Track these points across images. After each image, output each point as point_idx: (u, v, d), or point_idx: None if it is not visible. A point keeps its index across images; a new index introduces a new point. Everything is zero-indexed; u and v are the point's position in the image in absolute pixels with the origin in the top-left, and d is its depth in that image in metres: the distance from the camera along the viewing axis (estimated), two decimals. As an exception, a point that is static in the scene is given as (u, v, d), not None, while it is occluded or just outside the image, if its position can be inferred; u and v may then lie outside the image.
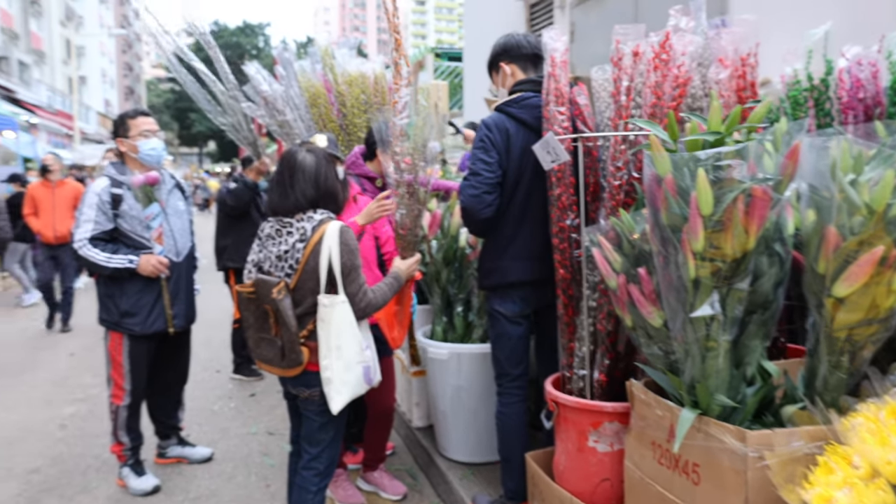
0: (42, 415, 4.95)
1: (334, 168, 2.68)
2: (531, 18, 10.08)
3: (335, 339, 2.50)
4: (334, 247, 2.49)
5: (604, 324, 2.55)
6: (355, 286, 2.54)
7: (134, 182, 3.56)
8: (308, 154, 2.63)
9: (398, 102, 3.43)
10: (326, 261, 2.49)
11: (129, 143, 3.62)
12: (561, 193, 2.64)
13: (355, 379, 2.55)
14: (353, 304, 2.53)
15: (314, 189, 2.58)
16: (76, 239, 3.46)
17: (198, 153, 65.75)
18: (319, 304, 2.50)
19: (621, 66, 2.44)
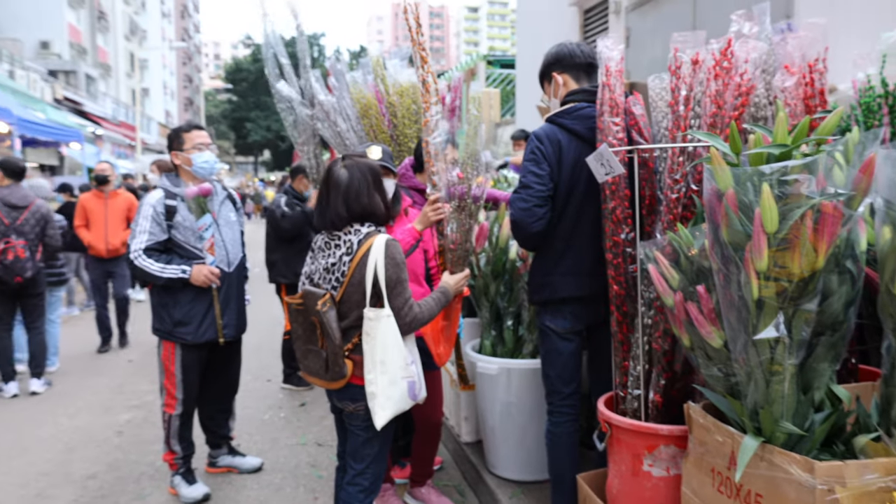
0: (101, 421, 5.07)
1: (376, 182, 2.62)
2: (585, 24, 9.95)
3: (380, 353, 2.47)
4: (380, 260, 2.47)
5: (660, 342, 2.44)
6: (401, 300, 2.50)
7: (187, 194, 3.61)
8: (343, 170, 2.60)
9: (430, 121, 3.38)
10: (372, 274, 2.46)
11: (183, 155, 3.68)
12: (615, 206, 2.55)
13: (400, 394, 2.51)
14: (399, 319, 2.49)
15: (344, 206, 2.56)
16: (132, 249, 3.53)
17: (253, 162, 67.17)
18: (364, 317, 2.48)
19: (679, 74, 2.34)
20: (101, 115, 27.02)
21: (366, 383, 2.49)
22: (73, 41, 31.46)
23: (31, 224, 5.60)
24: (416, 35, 3.40)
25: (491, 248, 3.68)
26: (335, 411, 2.81)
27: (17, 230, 5.50)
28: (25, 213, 5.60)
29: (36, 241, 5.64)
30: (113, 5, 37.80)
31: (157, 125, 41.30)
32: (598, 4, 9.46)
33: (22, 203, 5.61)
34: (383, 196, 2.63)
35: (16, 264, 5.46)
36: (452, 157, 3.59)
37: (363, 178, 2.57)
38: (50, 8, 29.70)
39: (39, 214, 5.69)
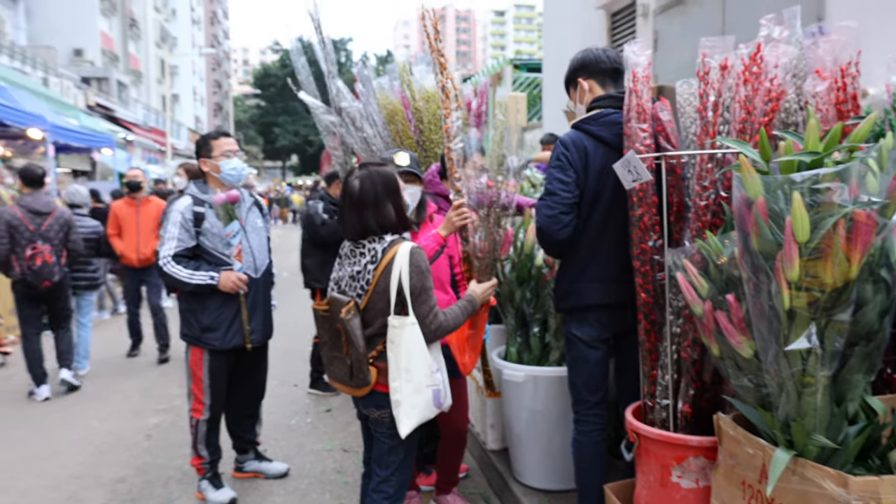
0: (130, 425, 5.14)
1: (388, 191, 2.59)
2: (612, 27, 9.89)
3: (404, 361, 2.46)
4: (404, 268, 2.46)
5: (689, 351, 2.41)
6: (426, 308, 2.50)
7: (216, 200, 3.64)
8: (356, 180, 2.59)
9: (450, 128, 3.37)
10: (396, 282, 2.46)
11: (211, 162, 3.71)
12: (643, 214, 2.52)
13: (424, 402, 2.51)
14: (423, 326, 2.49)
15: (357, 217, 2.55)
16: (161, 256, 3.58)
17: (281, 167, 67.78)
18: (389, 325, 2.48)
19: (708, 80, 2.31)
20: (133, 121, 27.48)
21: (390, 391, 2.49)
22: (105, 48, 32.07)
23: (55, 230, 5.72)
24: (434, 41, 3.39)
25: (516, 255, 3.66)
26: (361, 418, 2.81)
27: (42, 236, 5.63)
28: (49, 218, 5.72)
29: (60, 247, 5.77)
30: (144, 13, 38.45)
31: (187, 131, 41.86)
32: (625, 7, 9.39)
33: (45, 209, 5.74)
34: (397, 205, 2.60)
35: (44, 269, 5.59)
36: (481, 165, 3.58)
37: (373, 189, 2.56)
38: (84, 16, 30.32)
39: (63, 220, 5.82)
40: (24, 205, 5.69)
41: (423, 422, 2.54)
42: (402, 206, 2.65)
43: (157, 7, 41.60)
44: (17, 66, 19.45)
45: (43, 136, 9.86)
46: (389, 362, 2.49)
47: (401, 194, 2.65)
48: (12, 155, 11.32)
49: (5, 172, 9.78)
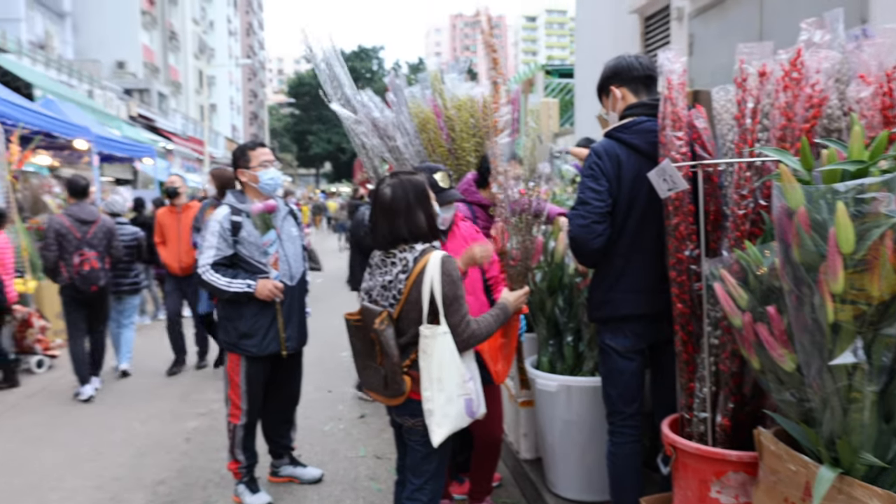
0: (170, 428, 5.22)
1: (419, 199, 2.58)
2: (646, 31, 9.78)
3: (436, 370, 2.45)
4: (436, 277, 2.46)
5: (727, 364, 2.35)
6: (457, 317, 2.49)
7: (253, 210, 3.68)
8: (387, 188, 2.59)
9: (498, 122, 3.38)
10: (428, 291, 2.46)
11: (249, 173, 3.75)
12: (679, 223, 2.48)
13: (457, 412, 2.49)
14: (456, 335, 2.48)
15: (388, 226, 2.56)
16: (200, 264, 3.63)
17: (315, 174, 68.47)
18: (421, 334, 2.47)
19: (746, 86, 2.26)
20: (172, 131, 28.04)
21: (423, 400, 2.48)
22: (146, 61, 32.81)
23: (99, 237, 6.06)
24: (489, 37, 3.43)
25: (546, 264, 3.62)
26: (394, 425, 2.81)
27: (88, 243, 5.97)
28: (94, 227, 6.07)
29: (104, 253, 6.10)
30: (183, 25, 39.24)
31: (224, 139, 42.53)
32: (659, 11, 9.28)
33: (90, 218, 6.09)
34: (428, 213, 2.60)
35: (91, 274, 5.92)
36: (517, 173, 3.56)
37: (404, 196, 2.55)
38: (126, 30, 31.08)
39: (106, 228, 6.17)
40: (71, 214, 6.01)
41: (456, 431, 2.53)
42: (432, 214, 2.64)
43: (196, 19, 42.41)
44: (64, 80, 20.01)
45: (88, 146, 10.11)
46: (421, 371, 2.48)
47: (431, 202, 2.65)
48: (59, 165, 11.63)
49: (53, 182, 10.05)
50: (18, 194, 8.34)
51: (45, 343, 7.14)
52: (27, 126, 8.32)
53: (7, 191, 7.70)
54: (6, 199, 7.65)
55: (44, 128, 8.76)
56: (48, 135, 9.06)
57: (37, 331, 7.04)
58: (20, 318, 6.91)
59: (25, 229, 7.97)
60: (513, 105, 5.12)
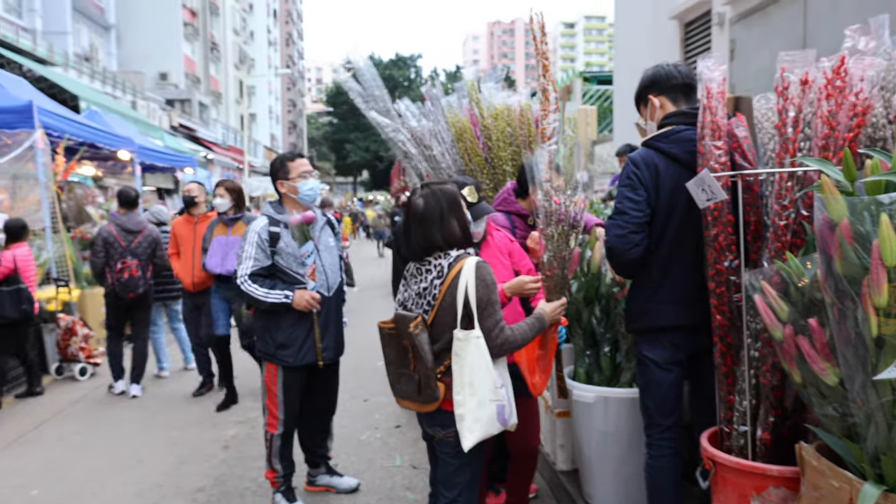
0: (208, 436, 5.30)
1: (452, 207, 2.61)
2: (686, 37, 9.68)
3: (468, 374, 2.46)
4: (470, 281, 2.47)
5: (768, 377, 2.31)
6: (491, 321, 2.49)
7: (292, 221, 3.73)
8: (420, 199, 2.63)
9: (546, 129, 3.37)
10: (462, 295, 2.47)
11: (289, 184, 3.80)
12: (718, 233, 2.45)
13: (488, 417, 2.48)
14: (489, 341, 2.48)
15: (423, 235, 2.58)
16: (239, 275, 3.67)
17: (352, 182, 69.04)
18: (454, 338, 2.48)
19: (787, 95, 2.23)
20: (212, 140, 28.55)
21: (454, 405, 2.48)
22: (188, 71, 33.52)
23: (143, 246, 6.39)
24: (541, 44, 3.43)
25: (582, 274, 3.60)
26: (426, 438, 2.81)
27: (132, 252, 6.30)
28: (139, 237, 6.40)
29: (147, 262, 6.41)
30: (224, 36, 40.00)
31: (263, 148, 43.22)
32: (699, 17, 9.18)
33: (136, 228, 6.42)
34: (461, 221, 2.63)
35: (130, 282, 6.25)
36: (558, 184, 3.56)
37: (437, 206, 2.58)
38: (169, 42, 31.83)
39: (151, 238, 6.47)
40: (119, 223, 6.38)
41: (486, 437, 2.52)
42: (465, 222, 2.66)
43: (237, 30, 43.21)
44: (108, 91, 20.54)
45: (131, 157, 10.36)
46: (454, 375, 2.49)
47: (464, 210, 2.67)
48: (103, 175, 11.93)
49: (97, 192, 10.31)
50: (63, 204, 8.57)
51: (89, 351, 7.30)
52: (72, 137, 8.54)
53: (52, 201, 7.89)
54: (52, 209, 7.86)
55: (88, 139, 8.99)
56: (92, 146, 9.29)
57: (80, 339, 7.21)
58: (64, 326, 7.09)
59: (70, 239, 8.18)
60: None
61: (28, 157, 7.70)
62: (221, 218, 5.75)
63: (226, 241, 5.60)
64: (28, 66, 12.38)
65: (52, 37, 21.83)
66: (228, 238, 5.61)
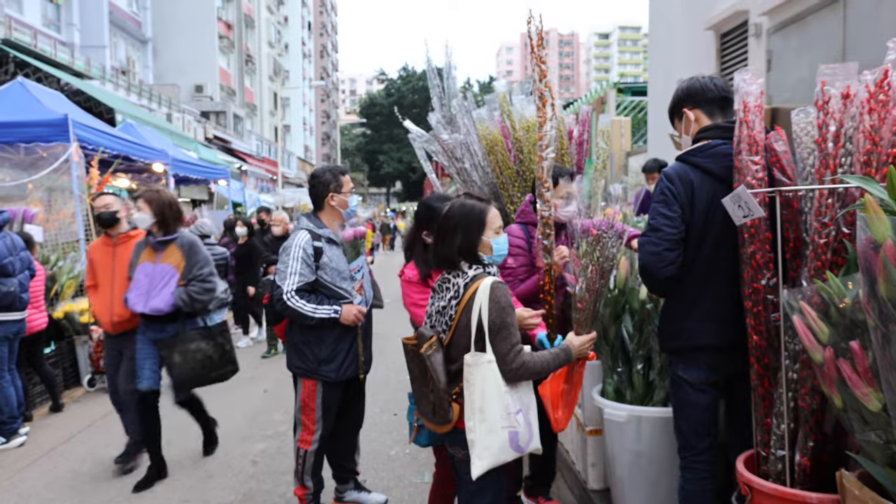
0: (237, 450, 5.29)
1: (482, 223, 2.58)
2: (722, 48, 9.55)
3: (478, 400, 2.41)
4: (484, 303, 2.43)
5: (807, 400, 2.24)
6: (505, 345, 2.44)
7: (344, 237, 3.75)
8: (448, 210, 2.62)
9: (544, 136, 3.25)
10: (476, 317, 2.43)
11: (340, 198, 3.78)
12: (755, 251, 2.38)
13: (499, 444, 2.41)
14: (504, 364, 2.43)
15: (452, 245, 2.55)
16: (284, 291, 3.60)
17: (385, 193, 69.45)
18: (465, 362, 2.44)
19: (828, 109, 2.16)
20: (247, 152, 28.95)
21: (466, 430, 2.44)
22: (223, 84, 34.08)
23: None
24: (538, 49, 3.32)
25: (608, 290, 3.52)
26: (449, 457, 2.77)
27: None
28: None
29: None
30: (259, 48, 40.61)
31: (297, 160, 43.69)
32: (736, 28, 9.05)
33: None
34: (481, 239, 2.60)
35: None
36: (567, 192, 3.51)
37: (468, 217, 2.56)
38: (204, 54, 32.40)
39: None
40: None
41: (498, 465, 2.45)
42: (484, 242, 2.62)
43: (272, 43, 43.84)
44: (144, 104, 20.96)
45: (164, 169, 10.52)
46: (466, 401, 2.45)
47: (486, 229, 2.63)
48: (137, 187, 12.14)
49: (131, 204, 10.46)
50: (97, 216, 8.71)
51: (120, 363, 7.38)
52: (107, 150, 8.66)
53: (87, 213, 8.00)
54: (85, 222, 7.95)
55: (123, 151, 9.12)
56: (127, 158, 9.44)
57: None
58: (97, 338, 7.18)
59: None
60: (582, 126, 5.08)
61: (63, 170, 7.83)
62: (148, 240, 4.55)
63: (152, 271, 4.42)
64: (66, 80, 12.67)
65: (89, 51, 22.39)
66: (156, 267, 4.43)
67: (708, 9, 9.61)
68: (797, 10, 7.69)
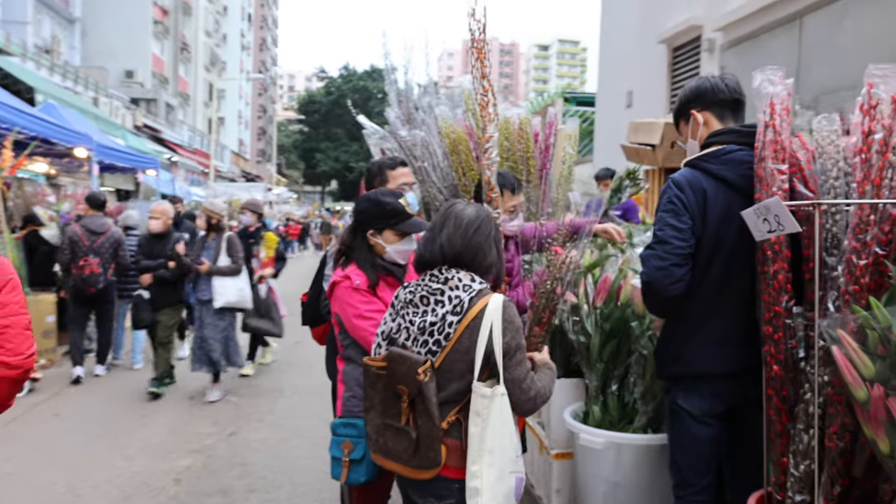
0: (158, 466, 4.75)
1: (498, 237, 2.28)
2: (673, 62, 9.55)
3: (490, 439, 2.02)
4: (496, 323, 2.06)
5: (835, 440, 1.99)
6: (521, 371, 2.11)
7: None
8: (470, 206, 2.27)
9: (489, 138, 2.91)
10: (485, 340, 2.06)
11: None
12: (777, 271, 2.13)
13: (505, 494, 2.05)
14: (520, 394, 2.09)
15: (461, 240, 2.17)
16: None
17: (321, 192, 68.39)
18: (476, 394, 2.05)
19: (874, 115, 1.92)
20: (178, 143, 27.83)
21: (467, 476, 2.04)
22: (156, 71, 32.70)
23: (105, 246, 7.01)
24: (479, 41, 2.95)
25: (611, 299, 3.23)
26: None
27: (94, 251, 6.90)
28: (102, 237, 7.00)
29: (109, 261, 7.04)
30: (196, 37, 39.23)
31: (230, 153, 42.40)
32: (688, 42, 9.06)
33: (100, 229, 7.04)
34: (501, 255, 2.28)
35: (90, 278, 6.86)
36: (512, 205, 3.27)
37: (488, 225, 2.23)
38: (137, 39, 31.02)
39: (113, 239, 7.13)
40: (85, 224, 6.99)
41: None
42: (503, 260, 2.30)
43: (209, 32, 42.43)
44: (69, 86, 19.76)
45: (88, 155, 9.75)
46: (471, 440, 2.05)
47: (502, 248, 2.31)
48: (56, 173, 11.28)
49: (48, 191, 9.65)
50: (10, 203, 7.92)
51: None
52: (24, 131, 7.87)
53: (-1, 197, 7.26)
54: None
55: (41, 133, 8.32)
56: (46, 141, 8.64)
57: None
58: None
59: (14, 240, 7.47)
60: (549, 129, 4.82)
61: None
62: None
63: None
64: (-21, 55, 11.67)
65: (10, 26, 21.08)
66: None
67: (661, 22, 9.61)
68: (752, 27, 7.71)
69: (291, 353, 8.44)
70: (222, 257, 6.34)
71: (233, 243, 6.44)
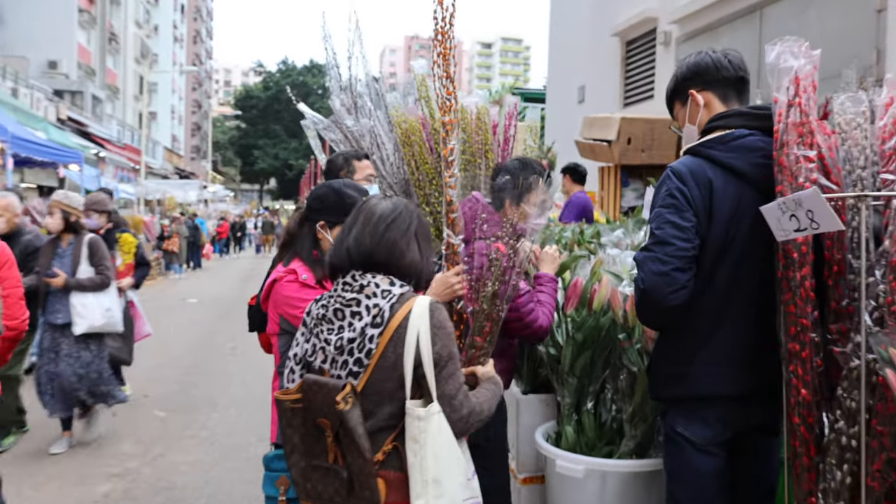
0: (73, 494, 4.19)
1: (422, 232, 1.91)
2: (627, 56, 9.35)
3: (433, 467, 1.71)
4: (424, 330, 1.73)
5: (878, 478, 1.68)
6: (453, 385, 1.78)
7: None
8: (386, 200, 1.92)
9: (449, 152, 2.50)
10: (413, 351, 1.73)
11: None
12: (804, 277, 1.80)
13: None
14: (452, 412, 1.76)
15: (370, 237, 1.82)
16: None
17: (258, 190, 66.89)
18: (409, 416, 1.73)
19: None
20: (106, 137, 26.50)
21: None
22: (81, 62, 31.11)
23: None
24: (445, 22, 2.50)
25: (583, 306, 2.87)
26: None
27: None
28: None
29: None
30: (125, 27, 37.59)
31: (163, 149, 40.84)
32: (643, 35, 8.87)
33: None
34: (424, 253, 1.90)
35: None
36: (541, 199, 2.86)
37: (408, 217, 1.88)
38: (61, 28, 29.40)
39: None
40: None
41: None
42: (429, 257, 1.94)
43: (139, 23, 40.77)
44: (-16, 75, 18.51)
45: (1, 147, 8.97)
46: (411, 470, 1.72)
47: (430, 243, 1.95)
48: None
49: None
50: None
51: None
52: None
53: None
54: None
55: (-56, 122, 7.61)
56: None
57: None
58: None
59: None
60: (509, 119, 4.48)
61: None
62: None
63: None
64: None
65: (-84, 11, 19.58)
66: None
67: (614, 15, 9.40)
68: (710, 19, 7.54)
69: (228, 360, 7.88)
70: (83, 266, 4.90)
71: (97, 247, 4.98)
